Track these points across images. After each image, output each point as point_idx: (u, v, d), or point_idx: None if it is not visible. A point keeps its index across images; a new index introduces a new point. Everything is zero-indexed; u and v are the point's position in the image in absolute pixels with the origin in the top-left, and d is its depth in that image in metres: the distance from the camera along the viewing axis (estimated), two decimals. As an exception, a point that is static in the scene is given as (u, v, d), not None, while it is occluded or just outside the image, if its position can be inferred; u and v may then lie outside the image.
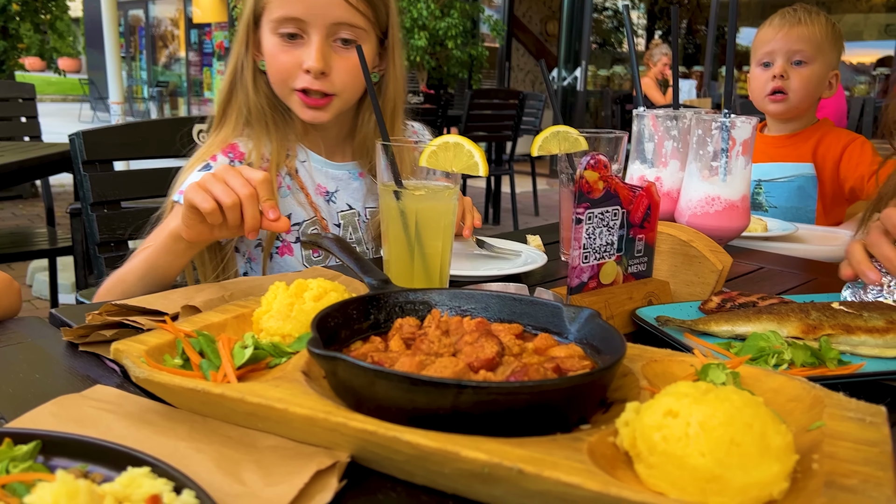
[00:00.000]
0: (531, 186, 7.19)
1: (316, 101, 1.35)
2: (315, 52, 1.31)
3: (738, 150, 1.10)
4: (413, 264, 1.07)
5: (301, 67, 1.32)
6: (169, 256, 1.14)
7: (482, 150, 1.04)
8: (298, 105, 1.36)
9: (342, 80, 1.35)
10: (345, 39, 1.34)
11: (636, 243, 1.06)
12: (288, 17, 1.31)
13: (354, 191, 1.49)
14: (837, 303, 0.95)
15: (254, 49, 1.39)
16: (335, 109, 1.38)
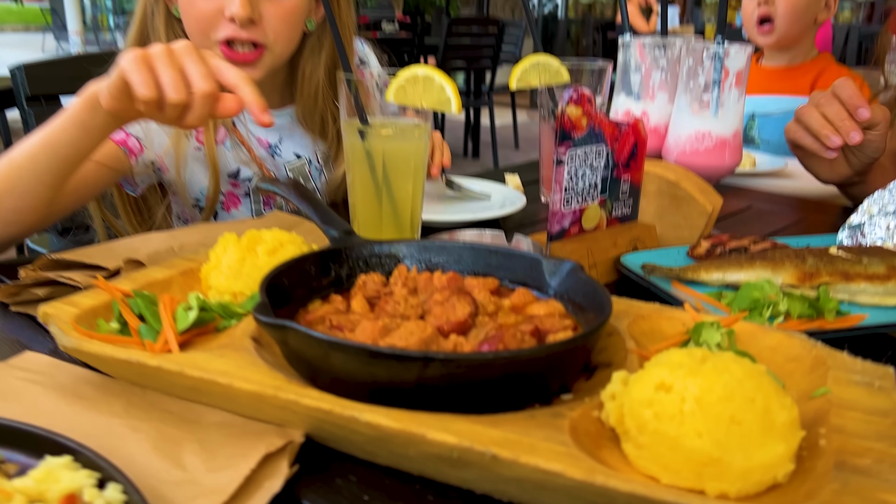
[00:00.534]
0: (511, 118, 7.04)
1: (244, 56, 1.16)
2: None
3: (732, 82, 1.02)
4: (381, 210, 0.99)
5: (224, 15, 1.14)
6: (77, 131, 0.88)
7: (454, 83, 0.94)
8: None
9: (275, 29, 1.17)
10: None
11: (621, 184, 0.98)
12: None
13: (300, 137, 1.33)
14: (835, 248, 0.88)
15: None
16: (267, 66, 1.20)
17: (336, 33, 0.97)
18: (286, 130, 1.32)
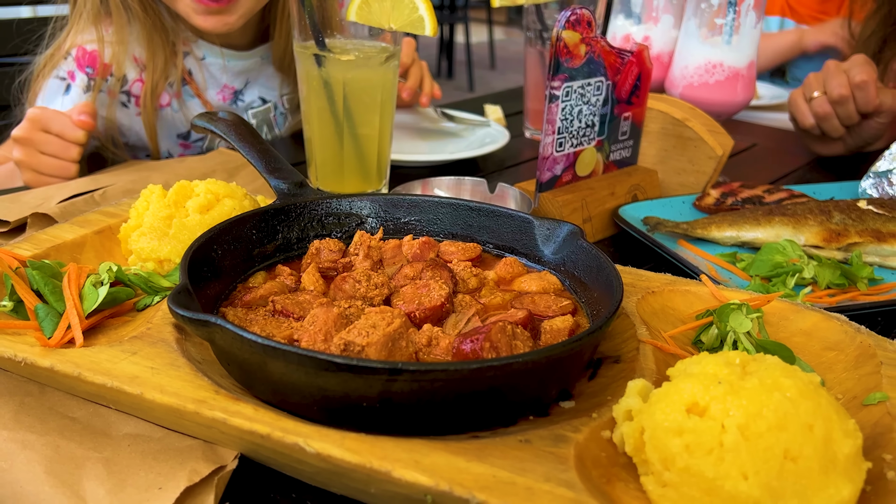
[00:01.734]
0: (487, 36, 6.76)
1: (217, 2, 0.97)
2: None
3: (749, 4, 0.88)
4: (343, 151, 0.85)
5: None
6: None
7: (429, 0, 0.79)
8: (191, 9, 0.98)
9: None
10: None
11: (621, 123, 0.85)
12: None
13: (268, 78, 1.17)
14: (864, 201, 0.77)
15: None
16: (245, 10, 1.00)
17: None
18: (254, 73, 1.14)
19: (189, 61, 1.06)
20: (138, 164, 0.91)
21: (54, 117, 0.85)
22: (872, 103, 1.05)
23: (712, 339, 0.53)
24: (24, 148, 0.85)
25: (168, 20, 1.02)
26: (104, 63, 1.00)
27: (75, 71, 1.00)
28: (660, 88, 0.99)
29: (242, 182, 0.84)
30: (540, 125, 1.17)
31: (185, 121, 1.07)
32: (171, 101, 1.06)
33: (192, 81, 1.07)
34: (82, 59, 1.00)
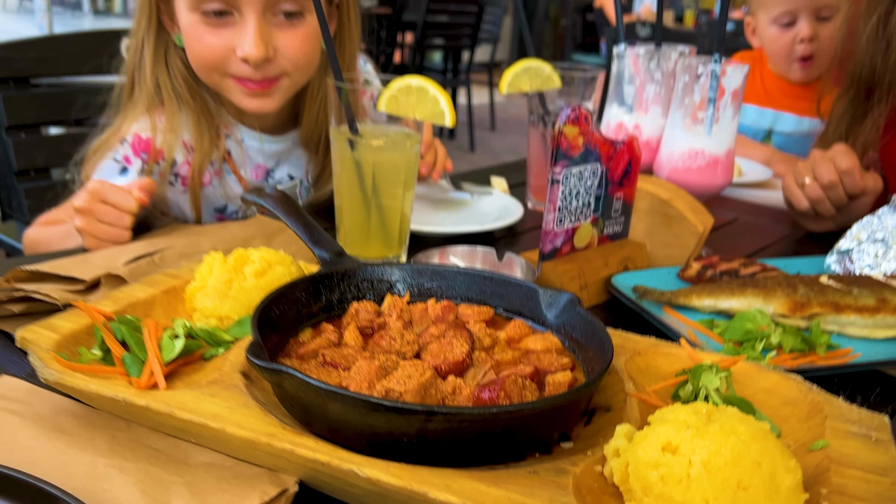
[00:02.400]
0: (488, 98, 6.99)
1: (260, 86, 1.08)
2: (254, 37, 1.03)
3: (728, 101, 1.01)
4: (369, 221, 0.96)
5: (235, 53, 1.06)
6: None
7: (448, 95, 0.92)
8: (236, 92, 1.10)
9: (291, 59, 1.09)
10: (288, 13, 1.07)
11: (613, 202, 0.97)
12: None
13: (297, 158, 1.27)
14: (825, 276, 0.89)
15: (166, 19, 1.12)
16: (284, 93, 1.12)
17: (328, 42, 0.93)
18: (285, 154, 1.25)
19: (229, 143, 1.18)
20: (186, 229, 1.02)
21: (111, 190, 0.96)
22: (859, 186, 1.19)
23: (688, 393, 0.64)
24: (85, 217, 0.96)
25: (213, 105, 1.15)
26: (157, 149, 1.11)
27: (131, 156, 1.12)
28: (649, 170, 1.12)
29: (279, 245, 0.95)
30: (540, 198, 1.29)
31: (223, 196, 1.19)
32: (212, 180, 1.18)
33: (231, 161, 1.19)
34: (137, 145, 1.12)
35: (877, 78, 1.26)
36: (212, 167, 1.17)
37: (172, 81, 1.11)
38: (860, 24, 1.24)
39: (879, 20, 1.22)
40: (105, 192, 0.95)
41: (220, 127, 1.16)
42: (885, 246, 0.95)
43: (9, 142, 1.43)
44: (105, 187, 0.96)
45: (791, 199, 1.24)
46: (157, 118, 1.13)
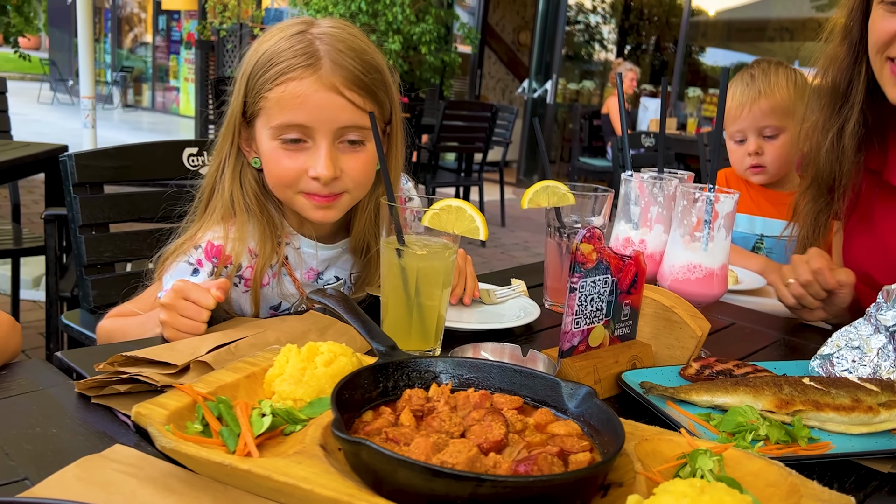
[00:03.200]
0: (499, 195, 7.28)
1: (326, 199, 1.28)
2: (325, 160, 1.23)
3: (721, 223, 1.17)
4: (411, 318, 1.11)
5: (308, 173, 1.25)
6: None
7: (482, 215, 1.09)
8: (307, 206, 1.29)
9: (353, 178, 1.28)
10: (351, 141, 1.27)
11: (623, 308, 1.12)
12: (292, 123, 1.23)
13: (344, 263, 1.45)
14: (808, 378, 1.02)
15: (244, 144, 1.32)
16: (344, 206, 1.32)
17: (385, 170, 1.11)
18: (334, 259, 1.42)
19: (288, 249, 1.36)
20: (250, 322, 1.17)
21: (193, 288, 1.12)
22: (831, 283, 1.39)
23: (686, 473, 0.77)
24: (169, 312, 1.11)
25: (276, 217, 1.34)
26: (227, 255, 1.29)
27: (203, 260, 1.29)
28: (653, 280, 1.27)
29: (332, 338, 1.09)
30: (556, 299, 1.44)
31: (279, 295, 1.36)
32: (270, 281, 1.34)
33: (288, 265, 1.37)
34: (210, 251, 1.29)
35: (836, 181, 1.49)
36: (271, 270, 1.34)
37: (244, 196, 1.30)
38: (819, 136, 1.47)
39: (835, 135, 1.44)
40: (188, 290, 1.11)
41: (280, 236, 1.34)
42: (861, 353, 1.09)
43: (81, 238, 1.60)
44: (188, 286, 1.11)
45: (780, 297, 1.46)
46: (229, 228, 1.30)
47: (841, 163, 1.44)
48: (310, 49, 1.22)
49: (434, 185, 6.19)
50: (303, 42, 1.23)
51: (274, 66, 1.22)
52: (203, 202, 1.34)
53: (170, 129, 13.06)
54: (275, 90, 1.22)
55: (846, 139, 1.41)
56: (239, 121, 1.29)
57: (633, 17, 11.15)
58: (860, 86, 1.39)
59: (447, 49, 9.46)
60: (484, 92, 11.70)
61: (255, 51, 1.27)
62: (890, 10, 1.29)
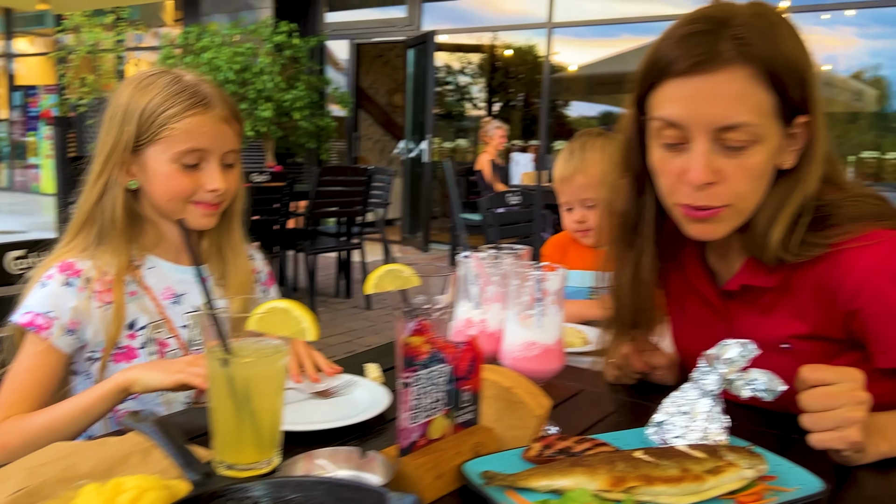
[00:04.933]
0: (382, 255, 7.26)
1: (213, 207, 1.50)
2: (220, 176, 1.48)
3: (551, 300, 1.20)
4: (242, 430, 1.06)
5: (204, 188, 1.48)
6: (109, 404, 1.34)
7: (311, 314, 1.06)
8: (196, 213, 1.49)
9: (230, 193, 1.53)
10: (229, 164, 1.52)
11: (463, 394, 1.11)
12: (196, 148, 1.45)
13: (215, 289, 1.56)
14: (640, 451, 1.04)
15: (120, 170, 1.48)
16: (220, 215, 1.55)
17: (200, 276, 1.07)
18: (190, 284, 1.55)
19: (144, 269, 1.53)
20: (65, 448, 1.08)
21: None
22: (638, 368, 1.47)
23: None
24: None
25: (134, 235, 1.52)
26: (77, 269, 1.44)
27: (56, 273, 1.44)
28: (495, 358, 1.28)
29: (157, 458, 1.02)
30: (410, 382, 1.42)
31: (139, 309, 1.51)
32: (128, 297, 1.49)
33: (143, 281, 1.52)
34: (63, 267, 1.45)
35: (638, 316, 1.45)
36: (128, 285, 1.48)
37: (105, 215, 1.47)
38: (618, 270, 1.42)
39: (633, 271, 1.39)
40: None
41: (135, 253, 1.52)
42: (690, 418, 1.13)
43: None
44: None
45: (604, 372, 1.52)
46: (84, 245, 1.47)
47: (641, 298, 1.40)
48: (200, 90, 1.48)
49: (314, 252, 6.10)
50: (191, 86, 1.48)
51: (176, 105, 1.45)
52: (74, 230, 1.49)
53: (30, 209, 12.31)
54: (182, 122, 1.45)
55: (644, 273, 1.37)
56: (128, 149, 1.46)
57: (499, 75, 11.64)
58: (650, 218, 1.33)
59: (321, 113, 9.51)
60: (363, 153, 11.78)
61: (140, 95, 1.46)
62: (668, 149, 1.20)
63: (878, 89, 8.83)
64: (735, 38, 1.12)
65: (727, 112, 1.12)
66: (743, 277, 1.31)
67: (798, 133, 1.20)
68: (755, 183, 1.19)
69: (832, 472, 1.11)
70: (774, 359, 1.30)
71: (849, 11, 8.16)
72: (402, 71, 10.29)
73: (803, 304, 1.27)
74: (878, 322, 1.20)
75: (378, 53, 12.49)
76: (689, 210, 1.22)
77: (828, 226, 1.21)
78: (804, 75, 1.16)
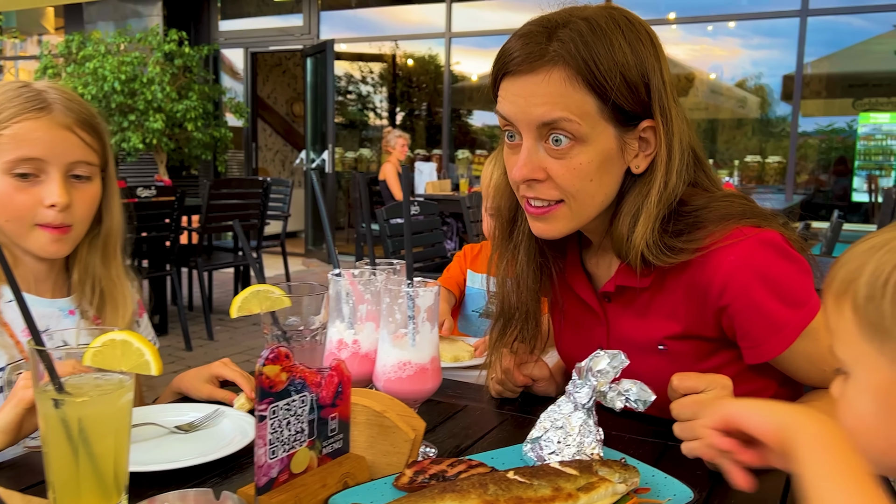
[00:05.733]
0: (283, 268, 7.07)
1: (60, 231, 1.38)
2: (60, 188, 1.35)
3: (424, 317, 1.15)
4: (79, 473, 0.95)
5: (42, 203, 1.35)
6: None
7: (153, 346, 0.97)
8: (42, 240, 1.38)
9: (81, 212, 1.41)
10: (79, 175, 1.40)
11: (329, 423, 1.05)
12: (27, 157, 1.33)
13: (69, 324, 1.45)
14: (513, 471, 1.01)
15: None
16: (73, 241, 1.43)
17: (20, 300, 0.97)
18: (54, 320, 1.44)
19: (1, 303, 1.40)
20: None
21: None
22: (519, 381, 1.45)
23: None
24: None
25: None
26: None
27: None
28: (369, 380, 1.22)
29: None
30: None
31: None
32: None
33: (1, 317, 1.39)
34: None
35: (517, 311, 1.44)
36: None
37: None
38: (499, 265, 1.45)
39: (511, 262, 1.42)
40: None
41: None
42: (565, 432, 1.11)
43: None
44: None
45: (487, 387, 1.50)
46: None
47: (521, 292, 1.40)
48: (40, 97, 1.36)
49: (209, 268, 5.87)
50: (31, 92, 1.36)
51: (5, 111, 1.33)
52: None
53: None
54: (10, 128, 1.32)
55: (520, 266, 1.39)
56: None
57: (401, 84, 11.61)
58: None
59: (217, 124, 9.21)
60: (262, 164, 11.49)
61: None
62: (510, 145, 1.24)
63: (759, 97, 9.36)
64: (559, 40, 1.14)
65: (545, 109, 1.15)
66: (618, 278, 1.32)
67: (648, 138, 1.22)
68: (585, 183, 1.20)
69: (706, 480, 1.11)
70: (652, 361, 1.31)
71: (730, 23, 8.60)
72: (302, 80, 10.11)
73: (676, 304, 1.29)
74: (745, 318, 1.22)
75: (276, 62, 12.23)
76: (529, 207, 1.27)
77: (694, 230, 1.23)
78: (642, 81, 1.18)
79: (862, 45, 8.54)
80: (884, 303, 0.68)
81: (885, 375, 0.70)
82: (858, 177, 8.51)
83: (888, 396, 0.70)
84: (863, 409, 0.72)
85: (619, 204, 1.26)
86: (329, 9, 9.89)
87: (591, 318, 1.41)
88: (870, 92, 8.84)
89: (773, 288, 1.20)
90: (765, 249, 1.20)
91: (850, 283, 0.72)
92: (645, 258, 1.22)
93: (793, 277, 1.21)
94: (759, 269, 1.20)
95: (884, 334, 0.69)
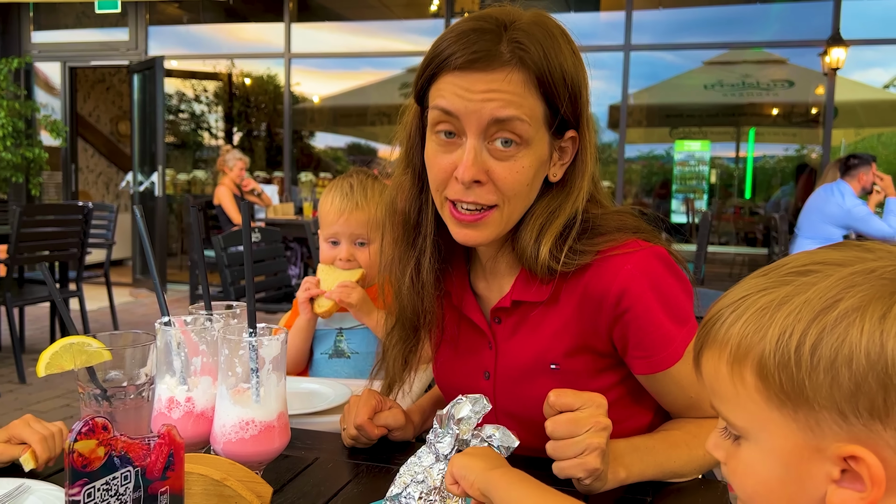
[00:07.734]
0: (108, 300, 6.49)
1: None
2: None
3: (269, 368, 1.04)
4: None
5: None
6: None
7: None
8: None
9: None
10: None
11: (159, 498, 0.90)
12: None
13: None
14: (373, 537, 0.92)
15: None
16: None
17: None
18: None
19: None
20: None
21: None
22: (374, 435, 1.34)
23: None
24: None
25: None
26: None
27: None
28: (207, 442, 1.08)
29: None
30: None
31: None
32: None
33: None
34: None
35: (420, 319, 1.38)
36: None
37: None
38: (398, 271, 1.36)
39: (414, 270, 1.33)
40: None
41: None
42: (427, 486, 1.03)
43: None
44: None
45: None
46: None
47: (423, 299, 1.34)
48: None
49: (20, 304, 5.26)
50: None
51: None
52: None
53: None
54: None
55: (424, 273, 1.32)
56: None
57: (239, 104, 11.18)
58: (430, 216, 1.30)
59: (30, 143, 8.39)
60: (83, 187, 10.57)
61: None
62: (442, 143, 1.19)
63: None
64: (513, 41, 1.12)
65: (498, 106, 1.13)
66: (515, 293, 1.29)
67: (567, 147, 1.24)
68: (523, 188, 1.19)
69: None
70: (543, 382, 1.27)
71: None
72: (128, 97, 9.44)
73: (569, 317, 1.27)
74: (640, 326, 1.22)
75: (99, 78, 11.37)
76: (456, 213, 1.21)
77: (594, 235, 1.24)
78: (577, 91, 1.19)
79: (676, 78, 9.36)
80: (800, 372, 0.66)
81: (796, 441, 0.68)
82: (676, 199, 9.27)
83: (799, 461, 0.68)
84: (767, 474, 0.70)
85: (528, 211, 1.25)
86: (158, 24, 9.34)
87: (477, 340, 1.36)
88: (684, 122, 9.69)
89: (664, 301, 1.22)
90: (658, 262, 1.22)
91: (749, 349, 0.70)
92: (549, 265, 1.21)
93: (679, 295, 1.24)
94: (653, 280, 1.21)
95: (798, 402, 0.66)
